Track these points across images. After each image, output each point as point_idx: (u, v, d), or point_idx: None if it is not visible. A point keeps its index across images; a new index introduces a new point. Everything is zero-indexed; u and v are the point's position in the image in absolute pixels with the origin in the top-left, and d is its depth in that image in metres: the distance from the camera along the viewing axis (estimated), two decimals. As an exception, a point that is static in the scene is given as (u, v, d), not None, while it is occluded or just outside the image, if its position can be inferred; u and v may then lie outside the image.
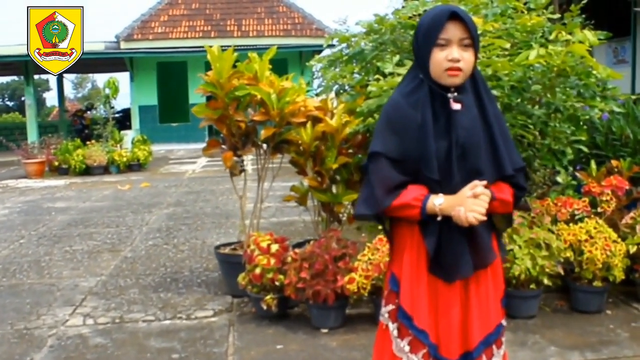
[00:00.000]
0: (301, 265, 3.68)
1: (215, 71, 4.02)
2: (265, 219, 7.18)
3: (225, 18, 19.95)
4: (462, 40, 1.89)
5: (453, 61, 1.87)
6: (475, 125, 1.93)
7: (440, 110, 1.93)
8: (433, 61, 1.90)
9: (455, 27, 1.88)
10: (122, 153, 13.99)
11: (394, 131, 1.94)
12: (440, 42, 1.89)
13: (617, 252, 3.64)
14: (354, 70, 4.90)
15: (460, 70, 1.89)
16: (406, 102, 1.96)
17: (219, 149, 4.25)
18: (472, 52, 1.91)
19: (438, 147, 1.90)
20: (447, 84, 1.91)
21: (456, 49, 1.88)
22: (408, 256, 1.99)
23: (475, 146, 1.91)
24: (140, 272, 5.32)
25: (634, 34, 9.36)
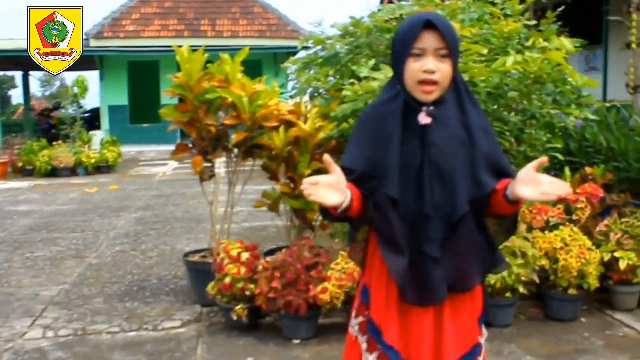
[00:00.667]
0: (273, 274, 3.57)
1: (185, 73, 3.89)
2: (237, 224, 7.04)
3: (199, 18, 19.71)
4: (438, 51, 1.77)
5: (428, 72, 1.76)
6: (452, 141, 1.81)
7: (413, 125, 1.81)
8: (407, 72, 1.79)
9: (431, 36, 1.77)
10: (90, 154, 13.68)
11: (363, 144, 1.84)
12: (415, 52, 1.78)
13: (592, 260, 3.61)
14: (328, 73, 4.81)
15: (436, 84, 1.78)
16: (378, 113, 1.86)
17: (188, 154, 4.12)
18: (449, 63, 1.79)
19: (410, 164, 1.79)
20: (420, 99, 1.80)
21: (432, 60, 1.77)
22: (379, 267, 1.90)
23: (450, 164, 1.79)
24: (105, 280, 5.15)
25: (606, 42, 9.46)
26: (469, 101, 1.88)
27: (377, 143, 1.82)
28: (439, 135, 1.81)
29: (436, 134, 1.81)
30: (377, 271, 1.91)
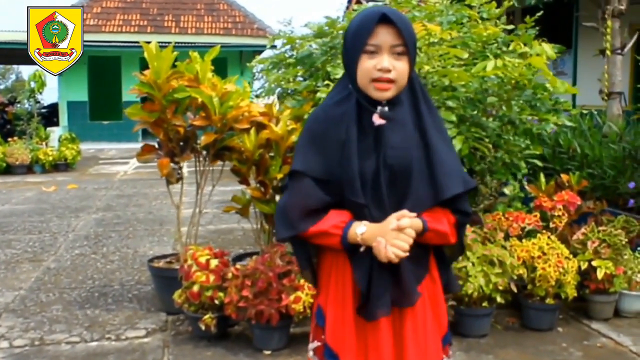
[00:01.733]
0: (243, 282, 3.42)
1: (153, 71, 3.70)
2: (203, 227, 6.81)
3: (163, 13, 19.31)
4: (394, 48, 1.65)
5: (382, 71, 1.64)
6: (408, 143, 1.70)
7: (368, 126, 1.70)
8: (360, 70, 1.67)
9: (386, 31, 1.64)
10: (47, 151, 13.21)
11: (316, 148, 1.71)
12: (369, 49, 1.65)
13: (569, 269, 3.56)
14: (298, 73, 4.68)
15: (392, 82, 1.66)
16: (330, 115, 1.73)
17: (154, 155, 3.92)
18: (406, 61, 1.67)
19: (365, 168, 1.68)
20: (375, 97, 1.68)
21: (387, 57, 1.65)
22: (334, 287, 1.78)
23: (406, 168, 1.69)
24: (64, 286, 4.90)
25: (575, 47, 9.55)
26: (424, 102, 1.77)
27: (333, 147, 1.70)
28: (394, 137, 1.70)
29: (391, 136, 1.70)
30: (333, 292, 1.78)
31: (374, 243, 1.65)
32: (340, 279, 1.76)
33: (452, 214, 1.76)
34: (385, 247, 1.63)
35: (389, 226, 1.65)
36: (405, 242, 1.64)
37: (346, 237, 1.68)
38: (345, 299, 1.75)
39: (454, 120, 3.25)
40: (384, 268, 1.69)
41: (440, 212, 1.74)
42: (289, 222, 1.71)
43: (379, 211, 1.68)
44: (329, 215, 1.70)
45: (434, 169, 1.70)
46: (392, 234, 1.64)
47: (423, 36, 3.19)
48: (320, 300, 1.83)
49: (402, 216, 1.65)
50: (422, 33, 3.16)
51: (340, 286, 1.76)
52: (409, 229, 1.65)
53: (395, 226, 1.64)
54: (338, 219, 1.69)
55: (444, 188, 1.70)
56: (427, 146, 1.71)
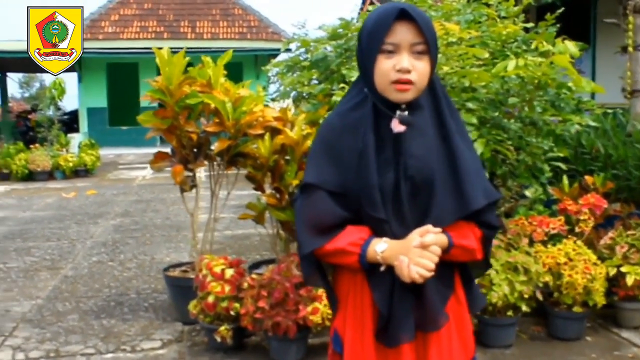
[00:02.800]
0: (259, 293, 3.33)
1: (165, 76, 3.63)
2: (219, 232, 6.79)
3: (179, 19, 19.38)
4: (414, 46, 1.52)
5: (402, 71, 1.51)
6: (430, 151, 1.57)
7: (386, 134, 1.57)
8: (378, 71, 1.54)
9: (405, 29, 1.51)
10: (68, 158, 13.30)
11: (331, 158, 1.58)
12: (387, 48, 1.52)
13: (597, 276, 3.42)
14: (313, 76, 4.58)
15: (411, 84, 1.52)
16: (345, 122, 1.60)
17: (168, 162, 3.86)
18: (427, 61, 1.54)
19: (383, 180, 1.54)
20: (395, 100, 1.55)
21: (406, 57, 1.51)
22: (352, 310, 1.63)
23: (428, 179, 1.56)
24: (81, 294, 4.86)
25: (593, 44, 9.35)
26: (446, 106, 1.63)
27: (349, 157, 1.57)
28: (415, 145, 1.57)
29: (411, 144, 1.56)
30: (351, 315, 1.64)
31: (396, 262, 1.52)
32: (358, 301, 1.63)
33: (478, 227, 1.63)
34: (409, 266, 1.50)
35: (411, 243, 1.52)
36: (430, 260, 1.51)
37: (365, 255, 1.54)
38: (364, 323, 1.62)
39: (474, 122, 3.14)
40: (406, 289, 1.55)
41: (466, 226, 1.61)
42: (304, 240, 1.59)
43: (400, 227, 1.56)
44: (345, 231, 1.57)
45: (459, 179, 1.57)
46: (415, 251, 1.51)
47: (441, 36, 3.07)
48: (337, 323, 1.69)
49: (426, 232, 1.52)
50: (440, 32, 3.05)
51: (358, 309, 1.63)
52: (434, 246, 1.52)
53: (419, 243, 1.51)
54: (356, 236, 1.56)
55: (470, 200, 1.56)
56: (450, 154, 1.58)
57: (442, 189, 1.56)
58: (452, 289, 1.65)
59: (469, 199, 1.56)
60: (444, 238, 1.56)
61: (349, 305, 1.64)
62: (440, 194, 1.56)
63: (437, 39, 1.61)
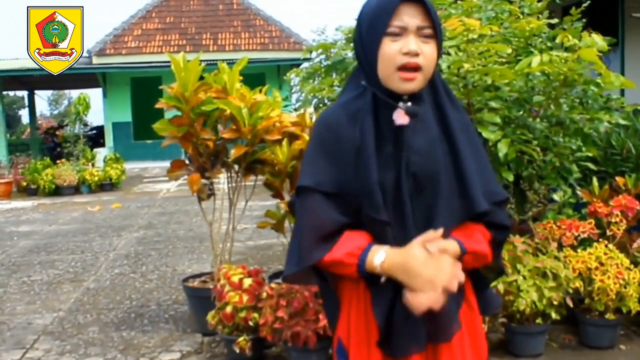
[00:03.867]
0: (278, 302, 3.24)
1: (180, 83, 3.59)
2: (241, 242, 6.74)
3: (201, 32, 19.51)
4: (421, 30, 1.40)
5: (410, 54, 1.39)
6: (434, 146, 1.45)
7: (386, 127, 1.45)
8: (382, 56, 1.41)
9: (412, 11, 1.40)
10: (93, 172, 13.43)
11: (327, 156, 1.46)
12: (393, 31, 1.40)
13: (631, 281, 3.26)
14: (333, 82, 4.50)
15: (419, 70, 1.40)
16: (341, 116, 1.48)
17: (184, 171, 3.80)
18: (434, 46, 1.42)
19: (384, 178, 1.42)
20: (398, 91, 1.43)
21: (414, 39, 1.40)
22: (355, 319, 1.51)
23: (432, 176, 1.44)
24: (102, 306, 4.83)
25: (622, 41, 9.09)
26: (447, 99, 1.51)
27: (346, 153, 1.44)
28: (418, 139, 1.45)
29: (414, 138, 1.44)
30: (354, 324, 1.51)
31: (408, 295, 1.37)
32: (362, 308, 1.50)
33: (487, 228, 1.51)
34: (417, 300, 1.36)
35: (413, 254, 1.37)
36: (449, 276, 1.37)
37: (363, 265, 1.41)
38: (369, 333, 1.48)
39: (498, 122, 3.01)
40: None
41: (474, 227, 1.49)
42: (302, 252, 1.46)
43: (402, 230, 1.43)
44: (343, 239, 1.43)
45: (463, 177, 1.45)
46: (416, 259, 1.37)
47: (461, 32, 2.97)
48: (341, 333, 1.56)
49: (429, 240, 1.39)
50: (460, 29, 2.95)
51: (362, 317, 1.49)
52: (447, 257, 1.38)
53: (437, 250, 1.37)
54: (353, 245, 1.42)
55: (474, 202, 1.45)
56: (453, 150, 1.47)
57: (446, 188, 1.45)
58: (463, 296, 1.52)
59: (473, 200, 1.45)
60: (455, 245, 1.43)
61: (352, 314, 1.52)
62: (445, 193, 1.44)
63: (441, 23, 1.52)
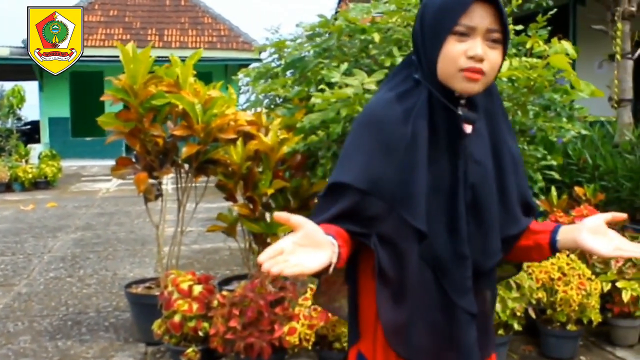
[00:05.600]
0: (230, 311, 3.03)
1: (129, 75, 3.33)
2: (187, 246, 6.45)
3: (146, 27, 18.94)
4: (489, 33, 1.29)
5: (475, 59, 1.28)
6: (488, 159, 1.37)
7: (442, 130, 1.33)
8: (445, 55, 1.30)
9: (484, 12, 1.29)
10: (27, 169, 12.76)
11: (367, 150, 1.32)
12: (460, 30, 1.28)
13: (592, 292, 3.22)
14: (286, 82, 4.33)
15: (483, 74, 1.29)
16: (391, 111, 1.34)
17: (130, 169, 3.54)
18: (500, 52, 1.32)
19: (436, 184, 1.30)
20: (461, 91, 1.31)
21: (480, 43, 1.29)
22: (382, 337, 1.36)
23: (490, 191, 1.36)
24: (35, 313, 4.48)
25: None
26: (498, 104, 1.42)
27: (392, 153, 1.30)
28: (478, 149, 1.35)
29: (474, 147, 1.34)
30: (382, 340, 1.36)
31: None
32: None
33: None
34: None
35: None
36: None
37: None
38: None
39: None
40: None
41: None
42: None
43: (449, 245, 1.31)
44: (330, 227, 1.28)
45: (509, 196, 1.40)
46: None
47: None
48: (363, 346, 1.42)
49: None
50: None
51: None
52: None
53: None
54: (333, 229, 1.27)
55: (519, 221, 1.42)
56: (500, 166, 1.39)
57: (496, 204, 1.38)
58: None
59: (515, 218, 1.41)
60: None
61: (379, 330, 1.36)
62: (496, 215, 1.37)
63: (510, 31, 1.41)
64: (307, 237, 1.16)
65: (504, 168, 1.38)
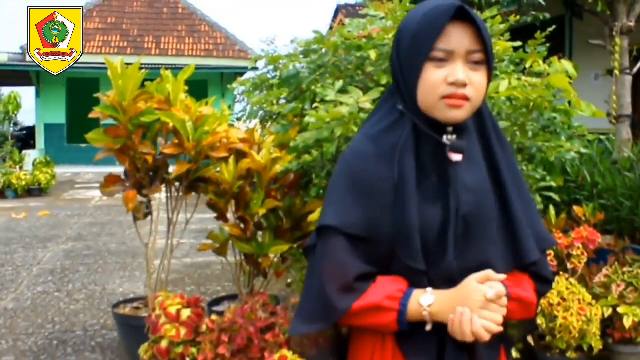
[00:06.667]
0: (219, 338, 2.93)
1: (117, 91, 3.24)
2: (178, 260, 6.35)
3: (143, 35, 18.89)
4: (471, 54, 1.20)
5: (457, 85, 1.19)
6: (484, 184, 1.27)
7: (430, 162, 1.25)
8: (425, 83, 1.21)
9: (462, 32, 1.20)
10: (20, 176, 12.64)
11: (357, 193, 1.26)
12: (438, 55, 1.20)
13: (593, 317, 3.12)
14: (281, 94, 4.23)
15: (467, 100, 1.21)
16: (377, 148, 1.27)
17: (119, 187, 3.45)
18: (484, 73, 1.22)
19: (427, 219, 1.22)
20: (445, 120, 1.23)
21: (462, 67, 1.20)
22: None
23: (485, 219, 1.25)
24: (20, 331, 4.37)
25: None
26: (492, 129, 1.32)
27: (381, 192, 1.24)
28: (470, 177, 1.26)
29: (464, 174, 1.25)
30: None
31: (452, 315, 1.20)
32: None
33: (531, 279, 1.33)
34: (472, 320, 1.18)
35: (470, 289, 1.20)
36: (499, 312, 1.21)
37: (405, 312, 1.22)
38: None
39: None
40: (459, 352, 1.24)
41: (519, 275, 1.31)
42: (326, 303, 1.24)
43: (442, 279, 1.24)
44: (377, 283, 1.25)
45: (512, 223, 1.28)
46: (476, 301, 1.19)
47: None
48: None
49: (487, 278, 1.21)
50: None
51: None
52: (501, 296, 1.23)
53: (494, 295, 1.19)
54: (393, 288, 1.24)
55: (525, 250, 1.28)
56: (501, 191, 1.29)
57: (496, 233, 1.27)
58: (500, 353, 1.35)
59: (523, 249, 1.27)
60: (501, 287, 1.23)
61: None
62: (495, 238, 1.27)
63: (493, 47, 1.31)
64: None
65: (507, 196, 1.28)
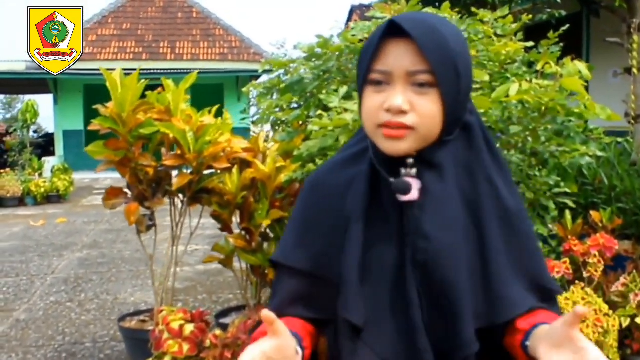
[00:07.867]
0: (222, 354, 2.86)
1: (116, 102, 3.19)
2: (191, 267, 6.32)
3: (158, 40, 18.96)
4: (414, 76, 1.03)
5: (392, 112, 1.03)
6: (451, 231, 1.08)
7: (388, 199, 1.10)
8: (363, 110, 1.08)
9: (401, 50, 1.03)
10: (39, 183, 12.75)
11: (310, 228, 1.16)
12: (375, 78, 1.05)
13: (610, 329, 2.99)
14: (292, 99, 4.15)
15: (408, 129, 1.04)
16: (334, 179, 1.16)
17: (122, 199, 3.39)
18: (434, 97, 1.03)
19: (379, 266, 1.08)
20: (385, 151, 1.07)
21: (400, 91, 1.03)
22: None
23: (447, 270, 1.06)
24: (31, 343, 4.35)
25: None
26: (489, 161, 1.13)
27: (330, 228, 1.13)
28: (428, 219, 1.08)
29: (423, 217, 1.08)
30: None
31: None
32: None
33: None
34: None
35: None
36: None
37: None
38: None
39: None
40: None
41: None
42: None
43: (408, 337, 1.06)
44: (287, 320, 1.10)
45: (491, 272, 1.07)
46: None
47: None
48: None
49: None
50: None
51: None
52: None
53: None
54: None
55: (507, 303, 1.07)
56: (482, 231, 1.08)
57: (468, 284, 1.06)
58: None
59: (499, 303, 1.07)
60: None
61: None
62: (467, 290, 1.06)
63: (457, 62, 1.06)
64: (279, 351, 0.98)
65: (486, 235, 1.08)
